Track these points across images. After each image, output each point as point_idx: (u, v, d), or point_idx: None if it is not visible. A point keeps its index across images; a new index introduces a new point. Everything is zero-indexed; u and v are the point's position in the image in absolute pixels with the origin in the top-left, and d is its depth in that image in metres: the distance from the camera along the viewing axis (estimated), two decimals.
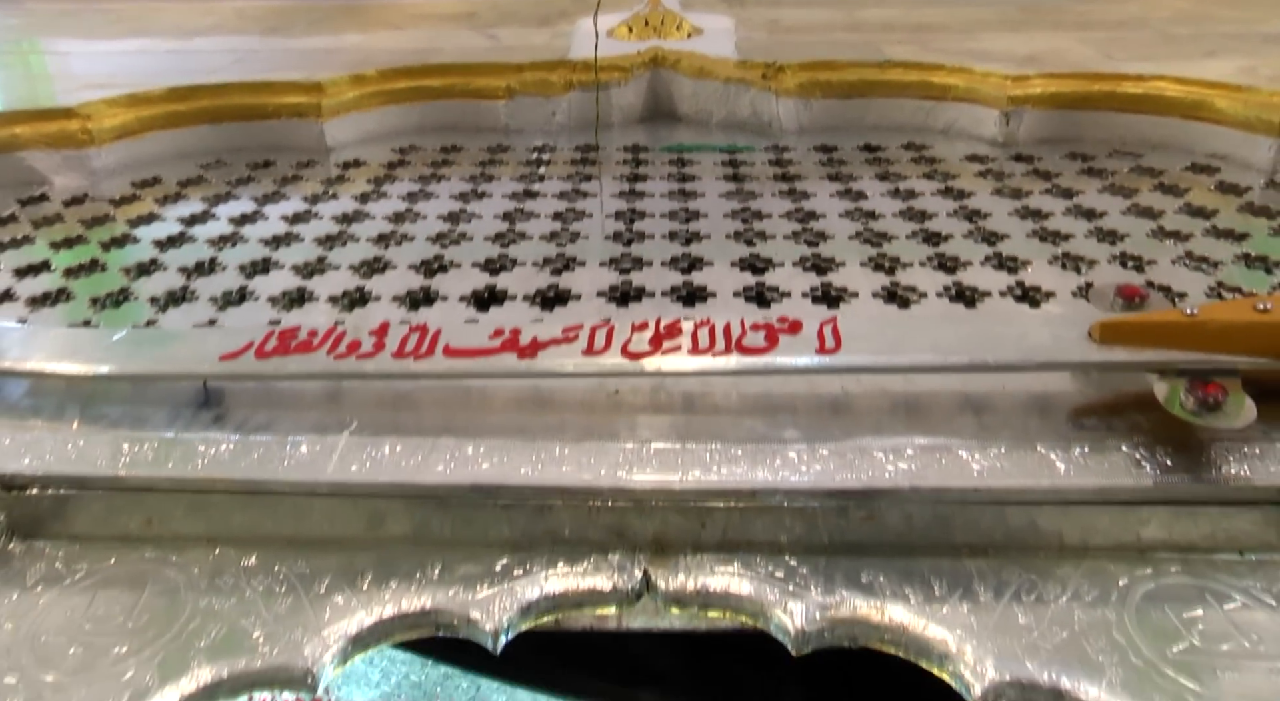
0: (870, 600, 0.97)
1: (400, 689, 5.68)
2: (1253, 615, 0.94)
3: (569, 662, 1.21)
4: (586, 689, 1.28)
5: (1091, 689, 0.87)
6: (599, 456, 1.04)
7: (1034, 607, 0.96)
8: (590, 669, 1.21)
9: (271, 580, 1.03)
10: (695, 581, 1.00)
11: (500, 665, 1.32)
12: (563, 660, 1.20)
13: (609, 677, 1.21)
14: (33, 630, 0.99)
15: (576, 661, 1.21)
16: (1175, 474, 1.01)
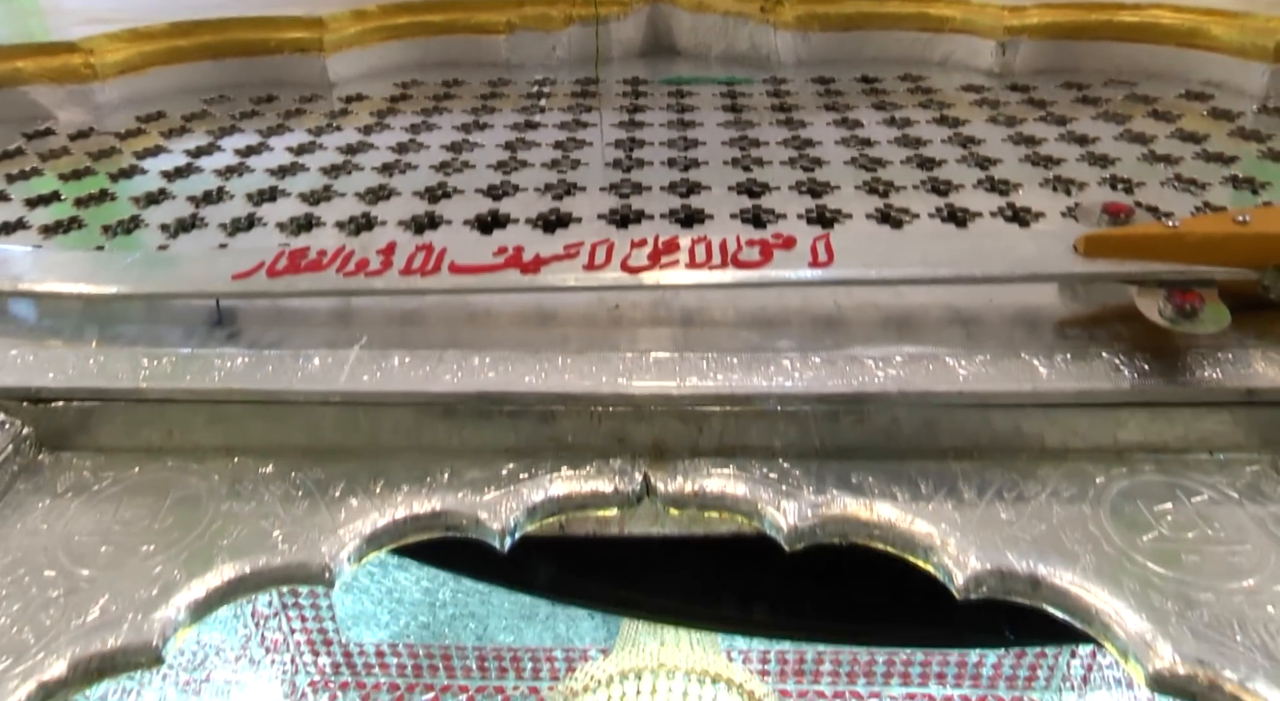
0: (860, 499, 1.02)
1: (409, 629, 5.84)
2: (1217, 508, 0.99)
3: (574, 569, 1.27)
4: (590, 593, 1.34)
5: (1066, 574, 0.93)
6: (600, 365, 1.09)
7: (1015, 504, 1.01)
8: (593, 574, 1.27)
9: (288, 486, 1.08)
10: (693, 484, 1.05)
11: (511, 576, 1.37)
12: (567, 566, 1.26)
13: (611, 582, 1.27)
14: (66, 531, 1.04)
15: (580, 568, 1.27)
16: (1152, 378, 1.05)
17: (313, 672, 5.61)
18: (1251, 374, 1.05)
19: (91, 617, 0.93)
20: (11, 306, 1.29)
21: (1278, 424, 1.05)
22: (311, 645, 5.53)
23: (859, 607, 1.27)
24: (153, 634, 0.91)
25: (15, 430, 1.13)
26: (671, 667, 3.33)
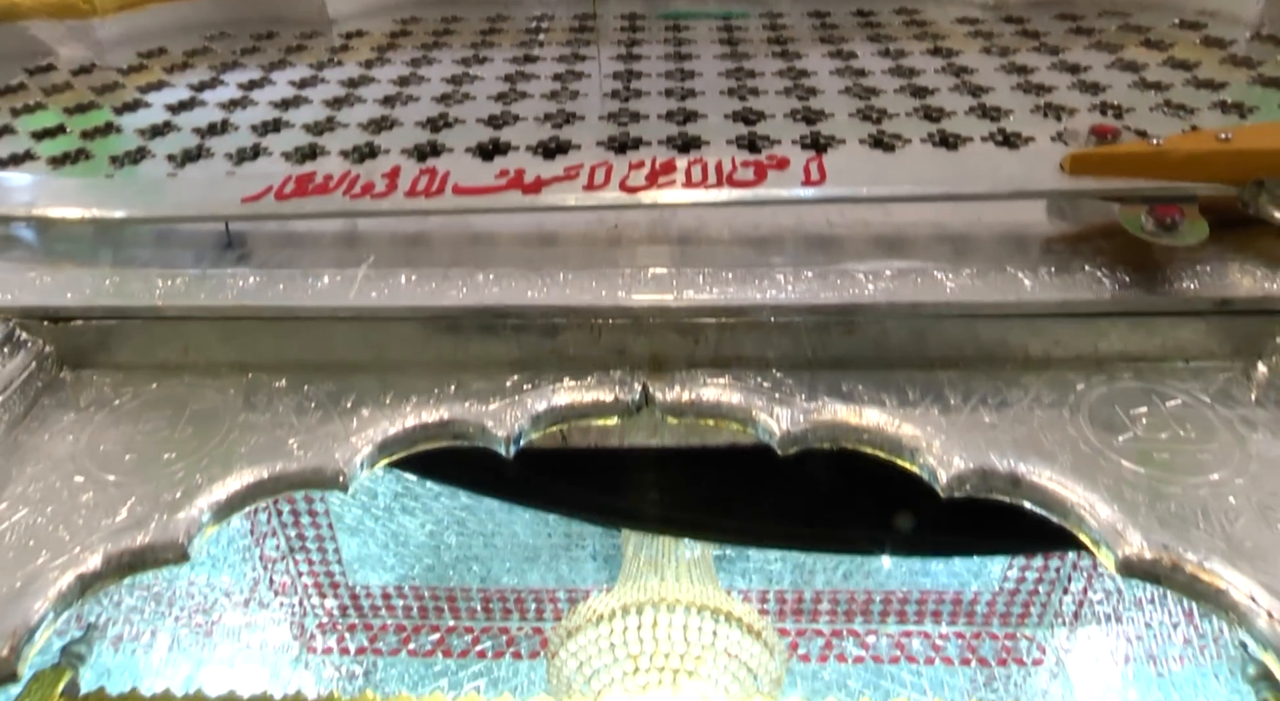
0: (849, 405, 1.07)
1: (414, 572, 5.94)
2: (1189, 411, 1.04)
3: (575, 481, 1.32)
4: (591, 505, 1.40)
5: (1045, 472, 0.98)
6: (600, 280, 1.13)
7: (998, 409, 1.06)
8: (593, 486, 1.32)
9: (301, 398, 1.13)
10: (690, 393, 1.09)
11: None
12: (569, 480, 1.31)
13: (611, 493, 1.32)
14: (91, 441, 1.09)
15: (581, 480, 1.32)
16: (1132, 288, 1.09)
17: (321, 615, 5.73)
18: (1227, 284, 1.09)
19: (120, 518, 0.98)
20: (26, 232, 1.33)
21: (1250, 333, 1.09)
22: (319, 588, 5.64)
23: (848, 515, 1.33)
24: (179, 532, 0.96)
25: (38, 349, 1.17)
26: (672, 602, 3.40)
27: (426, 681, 5.22)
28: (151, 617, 4.46)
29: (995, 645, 5.46)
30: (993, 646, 5.41)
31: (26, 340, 1.17)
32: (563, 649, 3.50)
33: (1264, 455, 0.98)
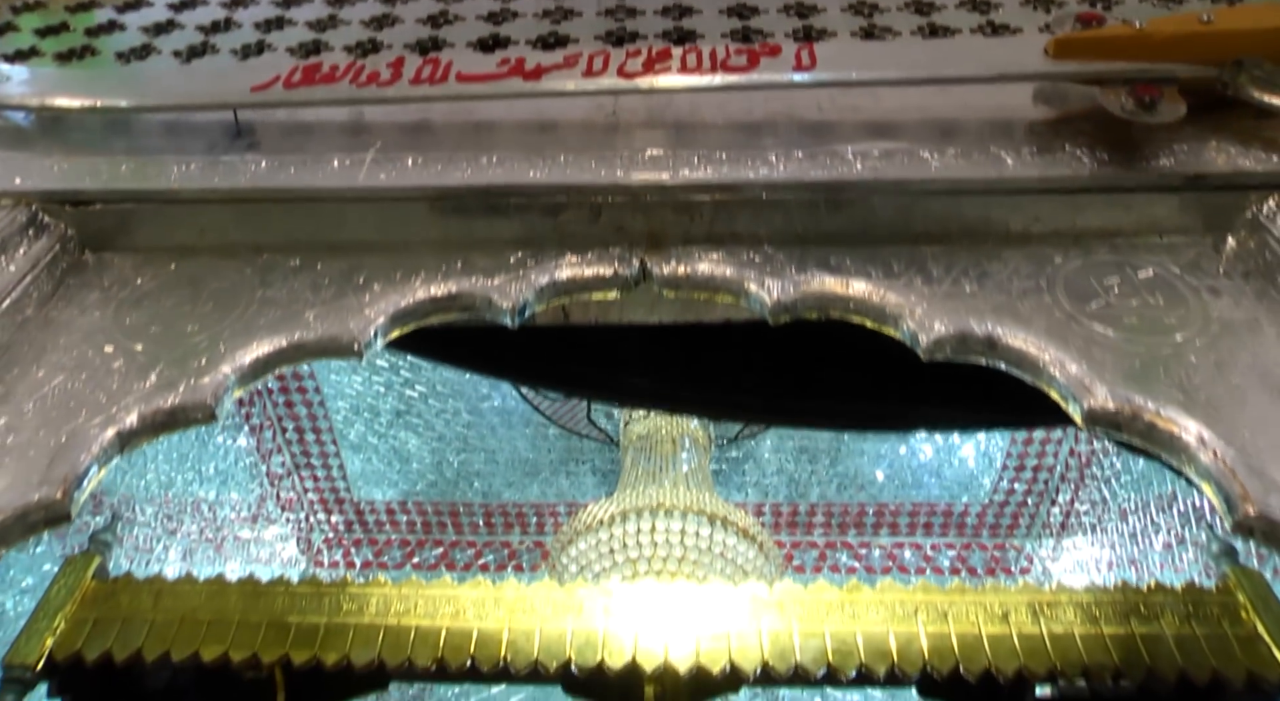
0: (837, 277, 1.13)
1: (417, 488, 6.05)
2: (1159, 281, 1.09)
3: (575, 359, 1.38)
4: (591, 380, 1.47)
5: (1019, 335, 1.04)
6: (599, 161, 1.17)
7: (978, 280, 1.12)
8: (593, 362, 1.38)
9: (315, 276, 1.18)
10: (686, 267, 1.15)
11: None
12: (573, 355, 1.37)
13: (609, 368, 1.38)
14: (117, 316, 1.15)
15: (581, 357, 1.38)
16: (1110, 166, 1.14)
17: (326, 530, 5.88)
18: (1202, 161, 1.14)
19: (151, 382, 1.05)
20: (39, 123, 1.36)
21: (1222, 208, 1.14)
22: (324, 504, 5.77)
23: (835, 388, 1.39)
24: (206, 394, 1.03)
25: (60, 232, 1.22)
26: (669, 507, 3.51)
27: None
28: (163, 534, 4.59)
29: (984, 555, 5.61)
30: (982, 556, 5.57)
31: (49, 224, 1.22)
32: (563, 554, 3.63)
33: (1225, 319, 1.04)
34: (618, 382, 1.46)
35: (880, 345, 1.15)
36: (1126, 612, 1.74)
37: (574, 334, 1.30)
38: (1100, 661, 1.68)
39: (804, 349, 1.28)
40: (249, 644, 1.76)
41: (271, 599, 1.84)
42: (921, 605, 1.77)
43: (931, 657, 1.68)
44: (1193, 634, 1.70)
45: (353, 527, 5.94)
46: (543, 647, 1.72)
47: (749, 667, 1.68)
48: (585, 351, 1.36)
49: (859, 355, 1.19)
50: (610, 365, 1.39)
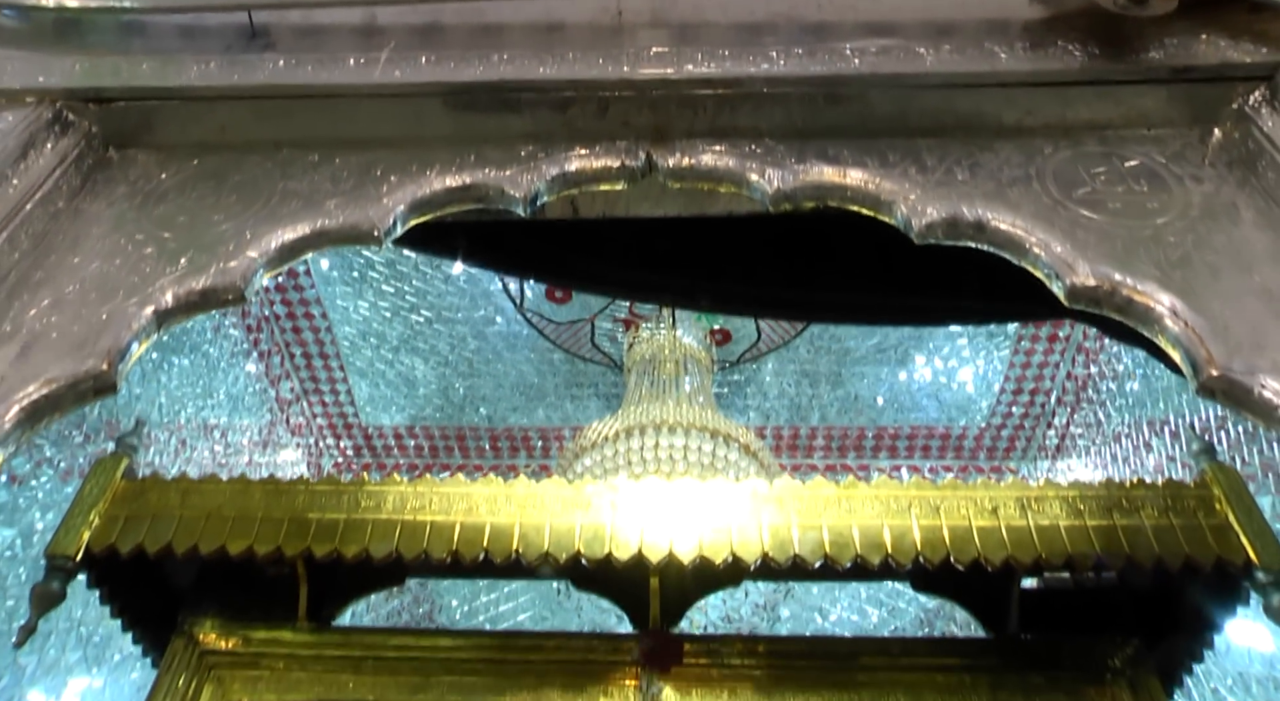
0: (835, 167, 1.17)
1: (424, 413, 6.14)
2: (1145, 170, 1.14)
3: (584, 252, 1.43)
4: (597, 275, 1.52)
5: (1007, 219, 1.09)
6: (607, 57, 1.21)
7: (970, 170, 1.16)
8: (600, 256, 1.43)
9: (334, 169, 1.23)
10: (690, 159, 1.20)
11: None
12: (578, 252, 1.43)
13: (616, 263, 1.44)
14: (145, 208, 1.20)
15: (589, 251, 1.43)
16: (1100, 59, 1.18)
17: (336, 455, 6.00)
18: (1191, 53, 1.17)
19: (182, 267, 1.10)
20: (57, 26, 1.39)
21: (1210, 100, 1.18)
22: (333, 429, 5.88)
23: (837, 280, 1.45)
24: (236, 277, 1.09)
25: (85, 129, 1.26)
26: (673, 424, 3.60)
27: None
28: (176, 458, 4.69)
29: (981, 477, 5.73)
30: (979, 478, 5.66)
31: (74, 121, 1.26)
32: (569, 470, 3.72)
33: (1205, 204, 1.09)
34: (625, 276, 1.52)
35: (878, 239, 1.20)
36: (1109, 506, 1.83)
37: (583, 228, 1.36)
38: (1083, 551, 1.76)
39: (804, 242, 1.33)
40: (272, 538, 1.84)
41: (292, 497, 1.93)
42: (915, 500, 1.85)
43: (924, 549, 1.77)
44: (1170, 525, 1.78)
45: (361, 452, 6.06)
46: (553, 541, 1.80)
47: (750, 559, 1.77)
48: (594, 245, 1.41)
49: (858, 248, 1.24)
50: (617, 258, 1.44)
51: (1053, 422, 5.47)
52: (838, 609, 5.21)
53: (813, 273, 1.40)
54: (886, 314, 1.88)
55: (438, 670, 1.91)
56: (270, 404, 5.47)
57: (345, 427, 5.88)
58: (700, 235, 1.38)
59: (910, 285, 1.37)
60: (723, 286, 1.48)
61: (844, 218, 1.19)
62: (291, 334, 5.36)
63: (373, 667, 1.92)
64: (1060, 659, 1.91)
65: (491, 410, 5.87)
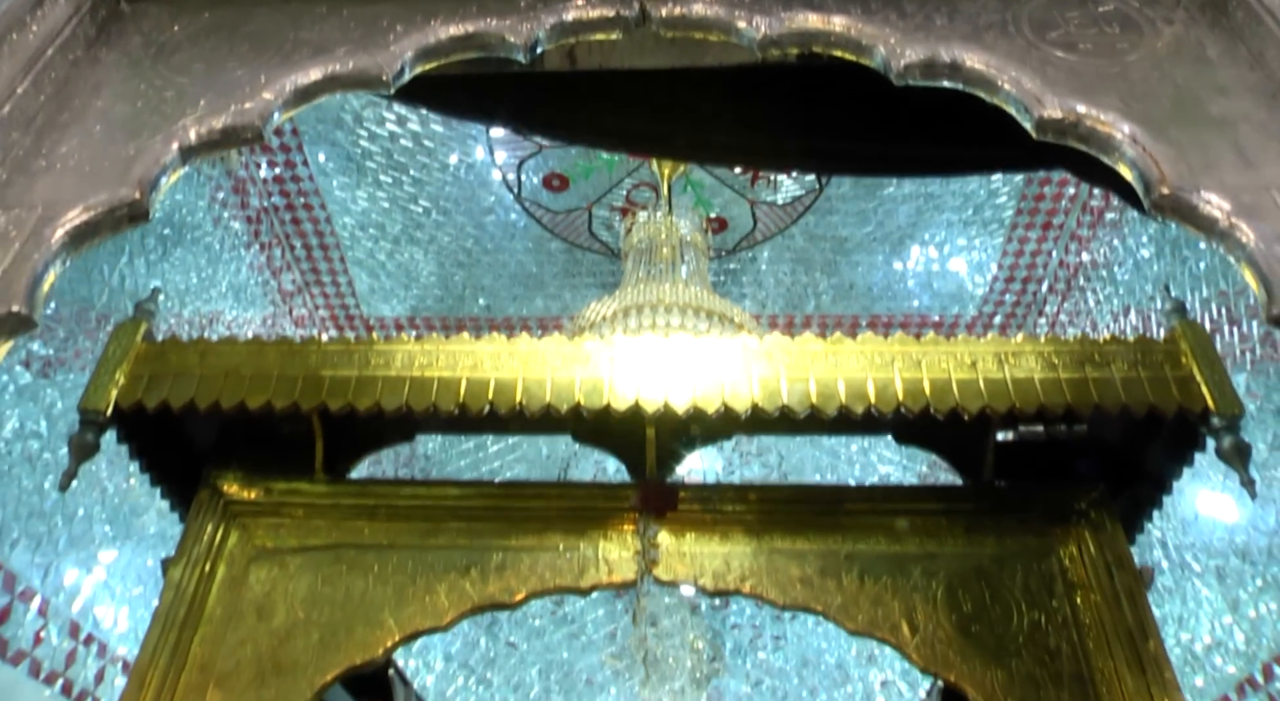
0: (819, 14, 1.23)
1: (424, 304, 6.21)
2: (1117, 13, 1.20)
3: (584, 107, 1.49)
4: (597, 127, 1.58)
5: (982, 58, 1.15)
6: None
7: (949, 16, 1.22)
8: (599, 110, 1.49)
9: (342, 20, 1.29)
10: (681, 8, 1.25)
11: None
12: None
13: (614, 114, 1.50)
14: (161, 56, 1.26)
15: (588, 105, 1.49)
16: None
17: None
18: None
19: (202, 108, 1.17)
20: None
21: None
22: (335, 320, 5.96)
23: (823, 128, 1.51)
24: (254, 116, 1.15)
25: None
26: (669, 304, 3.68)
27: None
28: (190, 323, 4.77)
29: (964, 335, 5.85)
30: (961, 335, 5.79)
31: None
32: None
33: (1174, 44, 1.15)
34: (621, 126, 1.57)
35: (862, 91, 1.26)
36: (1082, 360, 1.92)
37: (581, 80, 1.41)
38: (1055, 401, 1.86)
39: (791, 94, 1.39)
40: (288, 394, 1.94)
41: (306, 356, 2.02)
42: (898, 355, 1.95)
43: (905, 399, 1.87)
44: (1138, 377, 1.88)
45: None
46: (554, 393, 1.90)
47: (740, 409, 1.87)
48: (591, 96, 1.46)
49: (842, 99, 1.30)
50: (614, 109, 1.49)
51: (1044, 311, 5.55)
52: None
53: (799, 122, 1.45)
54: (870, 163, 1.93)
55: (446, 517, 2.04)
56: (273, 296, 5.54)
57: (347, 318, 5.95)
58: (694, 86, 1.43)
59: (893, 134, 1.43)
60: (715, 137, 1.53)
61: (829, 70, 1.25)
62: (291, 225, 5.39)
63: (386, 515, 2.05)
64: (1031, 503, 2.04)
65: (490, 300, 5.94)
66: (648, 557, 1.94)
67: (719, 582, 1.93)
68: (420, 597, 1.92)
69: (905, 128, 1.38)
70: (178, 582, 1.95)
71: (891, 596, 1.90)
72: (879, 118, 1.32)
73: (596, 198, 5.28)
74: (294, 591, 1.94)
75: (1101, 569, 1.92)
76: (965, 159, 1.78)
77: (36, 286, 0.98)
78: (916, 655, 1.84)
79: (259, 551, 2.01)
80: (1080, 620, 1.87)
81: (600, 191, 5.28)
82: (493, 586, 1.92)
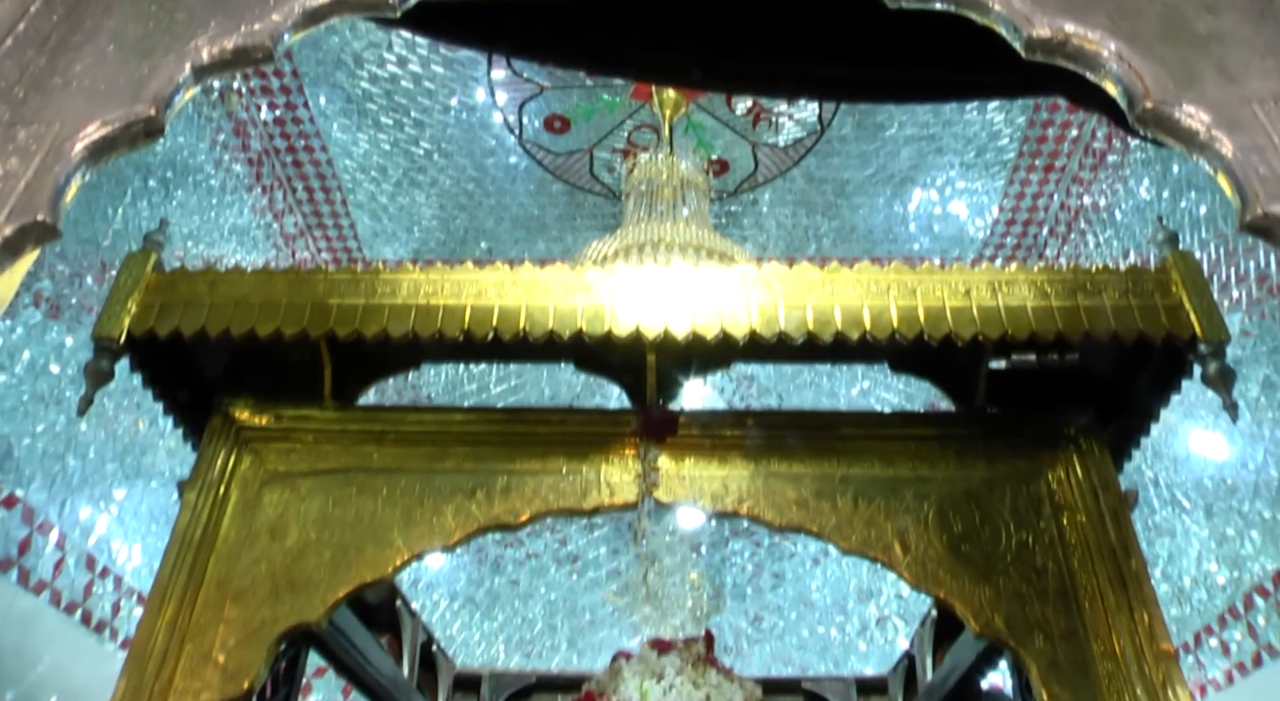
0: None
1: (426, 246, 6.24)
2: None
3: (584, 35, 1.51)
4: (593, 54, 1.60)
5: None
6: None
7: None
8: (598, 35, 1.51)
9: None
10: None
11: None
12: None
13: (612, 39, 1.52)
14: None
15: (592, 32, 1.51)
16: None
17: None
18: None
19: (213, 28, 1.20)
20: None
21: None
22: (337, 263, 5.99)
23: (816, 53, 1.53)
24: (264, 36, 1.18)
25: None
26: (670, 242, 3.71)
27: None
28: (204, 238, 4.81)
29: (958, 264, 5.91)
30: (955, 264, 5.84)
31: None
32: None
33: None
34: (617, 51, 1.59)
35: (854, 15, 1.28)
36: (1074, 289, 1.96)
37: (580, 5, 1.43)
38: (1047, 328, 1.91)
39: (784, 18, 1.41)
40: (297, 321, 1.98)
41: (313, 285, 2.06)
42: (893, 283, 1.99)
43: (900, 326, 1.91)
44: (1129, 305, 1.92)
45: None
46: (557, 320, 1.94)
47: (739, 335, 1.91)
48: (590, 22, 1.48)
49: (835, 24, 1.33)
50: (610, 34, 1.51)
51: (1044, 254, 5.58)
52: None
53: (792, 48, 1.47)
54: (862, 90, 1.95)
55: (453, 442, 2.10)
56: (275, 238, 5.57)
57: (349, 262, 5.98)
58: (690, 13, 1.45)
59: (885, 59, 1.46)
60: (711, 62, 1.56)
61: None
62: (293, 168, 5.40)
63: (394, 440, 2.11)
64: (1021, 428, 2.09)
65: (492, 243, 5.96)
66: (648, 480, 2.01)
67: (717, 504, 1.99)
68: (428, 518, 1.99)
69: (898, 53, 1.41)
70: (194, 505, 2.01)
71: (885, 518, 1.96)
72: (872, 43, 1.35)
73: (598, 140, 5.28)
74: (306, 513, 2.01)
75: (1088, 491, 1.98)
76: (958, 84, 1.80)
77: (59, 197, 1.02)
78: (908, 573, 1.90)
79: (271, 475, 2.08)
80: (1066, 540, 1.93)
81: (601, 133, 5.28)
82: (498, 507, 1.99)
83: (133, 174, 4.39)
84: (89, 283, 4.04)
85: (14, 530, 3.58)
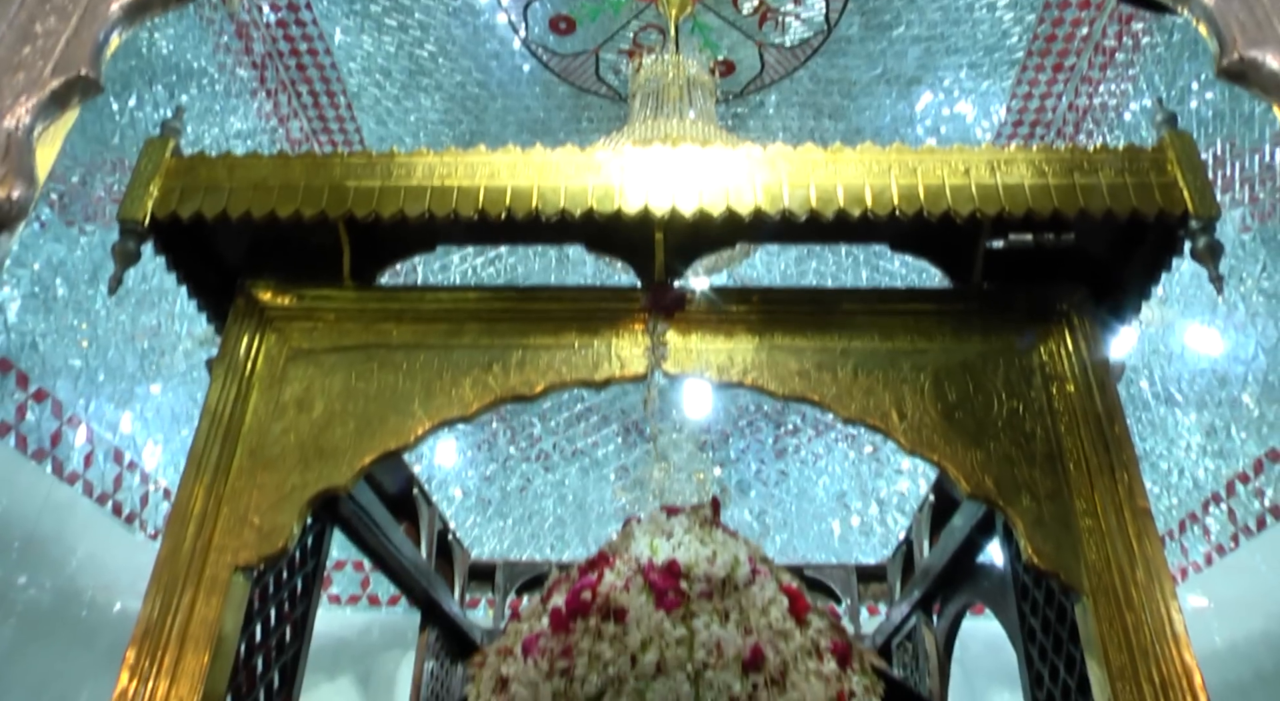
0: None
1: (433, 150, 6.21)
2: None
3: None
4: None
5: None
6: None
7: None
8: None
9: None
10: None
11: None
12: None
13: None
14: None
15: None
16: None
17: None
18: None
19: None
20: None
21: None
22: None
23: None
24: None
25: None
26: (677, 139, 3.74)
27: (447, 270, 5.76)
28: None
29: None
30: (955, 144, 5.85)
31: None
32: None
33: None
34: None
35: None
36: (1071, 168, 2.01)
37: None
38: (1043, 206, 1.97)
39: None
40: (315, 203, 2.05)
41: (330, 169, 2.12)
42: (895, 163, 2.04)
43: (900, 203, 1.97)
44: (1124, 183, 1.97)
45: None
46: (568, 199, 2.01)
47: (744, 212, 1.98)
48: None
49: None
50: None
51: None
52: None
53: None
54: None
55: (468, 319, 2.18)
56: (281, 143, 5.58)
57: None
58: None
59: None
60: None
61: None
62: (297, 72, 5.38)
63: (412, 317, 2.19)
64: (1015, 303, 2.16)
65: (497, 146, 5.95)
66: (657, 353, 2.10)
67: (723, 375, 2.09)
68: (447, 390, 2.09)
69: None
70: (223, 379, 2.11)
71: (883, 388, 2.06)
72: None
73: (603, 40, 5.24)
74: (330, 386, 2.11)
75: (1077, 363, 2.07)
76: None
77: (100, 53, 1.07)
78: (904, 439, 2.01)
79: (295, 352, 2.17)
80: (1054, 407, 2.03)
81: (607, 34, 5.24)
82: (514, 379, 2.08)
83: (137, 79, 4.41)
84: (99, 185, 4.09)
85: (46, 422, 3.72)
